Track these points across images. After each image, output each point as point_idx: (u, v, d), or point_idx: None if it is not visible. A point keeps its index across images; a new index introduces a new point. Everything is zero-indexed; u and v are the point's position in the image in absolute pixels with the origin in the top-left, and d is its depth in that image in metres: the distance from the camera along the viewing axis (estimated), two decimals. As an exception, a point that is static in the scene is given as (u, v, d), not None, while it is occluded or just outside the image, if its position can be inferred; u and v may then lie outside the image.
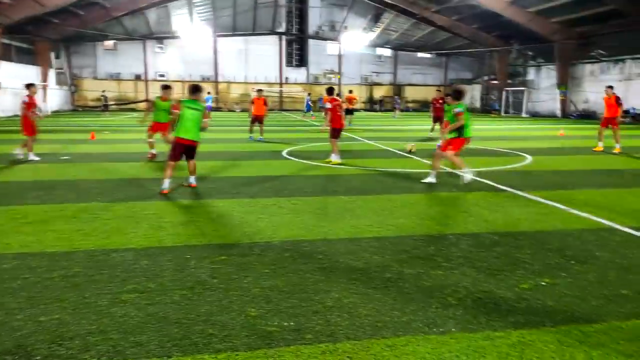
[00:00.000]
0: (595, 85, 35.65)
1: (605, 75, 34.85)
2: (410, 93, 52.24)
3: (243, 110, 43.85)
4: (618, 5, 26.66)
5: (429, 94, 47.32)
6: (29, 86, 11.54)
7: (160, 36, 45.73)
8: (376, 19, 47.40)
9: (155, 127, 11.40)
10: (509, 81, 43.15)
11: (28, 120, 11.29)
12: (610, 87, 13.92)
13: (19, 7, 28.85)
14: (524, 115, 39.79)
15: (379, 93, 51.68)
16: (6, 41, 31.90)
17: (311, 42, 49.51)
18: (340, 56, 49.93)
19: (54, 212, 6.28)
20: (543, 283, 4.03)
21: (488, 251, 4.87)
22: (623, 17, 27.86)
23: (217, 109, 45.85)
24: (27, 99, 11.32)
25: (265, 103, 16.70)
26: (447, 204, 7.03)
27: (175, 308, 3.51)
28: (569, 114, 36.06)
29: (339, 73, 50.20)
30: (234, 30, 46.70)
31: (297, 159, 11.78)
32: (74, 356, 2.87)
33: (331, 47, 49.78)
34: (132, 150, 13.46)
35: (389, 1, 41.11)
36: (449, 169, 9.96)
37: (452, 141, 8.44)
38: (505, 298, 3.74)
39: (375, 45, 50.19)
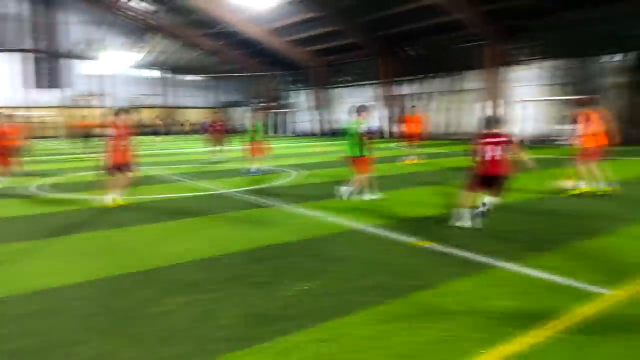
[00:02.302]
0: (344, 107, 41.42)
1: (351, 98, 40.73)
2: (184, 116, 51.59)
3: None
4: (356, 39, 31.63)
5: (203, 116, 47.66)
6: None
7: None
8: (140, 39, 45.40)
9: None
10: (275, 104, 46.60)
11: None
12: (414, 106, 16.57)
13: None
14: (289, 134, 43.47)
15: (150, 116, 49.37)
16: None
17: (66, 62, 44.33)
18: (101, 77, 46.04)
19: None
20: (305, 287, 4.42)
21: (258, 265, 5.10)
22: (360, 49, 33.15)
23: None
24: None
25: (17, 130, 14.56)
26: (222, 226, 7.11)
27: None
28: (325, 133, 40.86)
29: (102, 95, 46.23)
30: (-42, 43, 38.47)
31: (47, 193, 10.30)
32: None
33: (91, 67, 45.48)
34: None
35: (153, 23, 39.94)
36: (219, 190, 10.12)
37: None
38: (273, 308, 3.96)
39: (142, 66, 47.95)
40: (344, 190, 8.82)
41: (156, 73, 49.82)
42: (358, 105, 8.98)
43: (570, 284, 4.37)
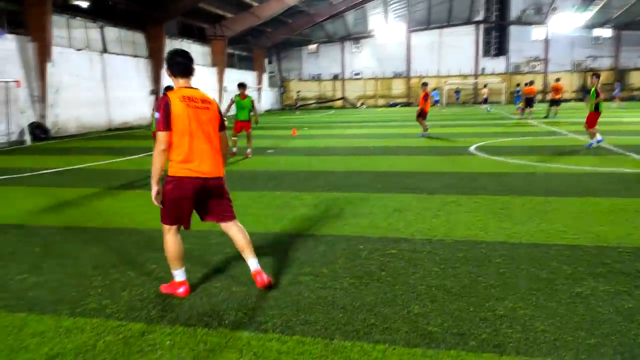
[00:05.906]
0: None
1: None
2: (637, 79, 44.11)
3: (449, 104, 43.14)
4: None
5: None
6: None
7: (357, 37, 47.92)
8: (593, -5, 41.19)
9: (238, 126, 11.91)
10: None
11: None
12: None
13: (240, 21, 33.86)
14: None
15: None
16: (230, 51, 37.67)
17: (512, 29, 45.70)
18: (547, 41, 44.96)
19: (254, 199, 7.20)
20: None
21: None
22: None
23: (407, 104, 46.07)
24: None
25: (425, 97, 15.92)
26: (672, 213, 5.75)
27: (342, 294, 3.69)
28: None
29: (545, 60, 45.27)
30: (428, 23, 46.09)
31: (485, 155, 11.08)
32: (258, 322, 3.26)
33: (536, 32, 45.14)
34: (328, 144, 14.46)
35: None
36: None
37: None
38: None
39: (591, 25, 43.69)
40: None
41: (607, 32, 44.29)
42: None
43: None
